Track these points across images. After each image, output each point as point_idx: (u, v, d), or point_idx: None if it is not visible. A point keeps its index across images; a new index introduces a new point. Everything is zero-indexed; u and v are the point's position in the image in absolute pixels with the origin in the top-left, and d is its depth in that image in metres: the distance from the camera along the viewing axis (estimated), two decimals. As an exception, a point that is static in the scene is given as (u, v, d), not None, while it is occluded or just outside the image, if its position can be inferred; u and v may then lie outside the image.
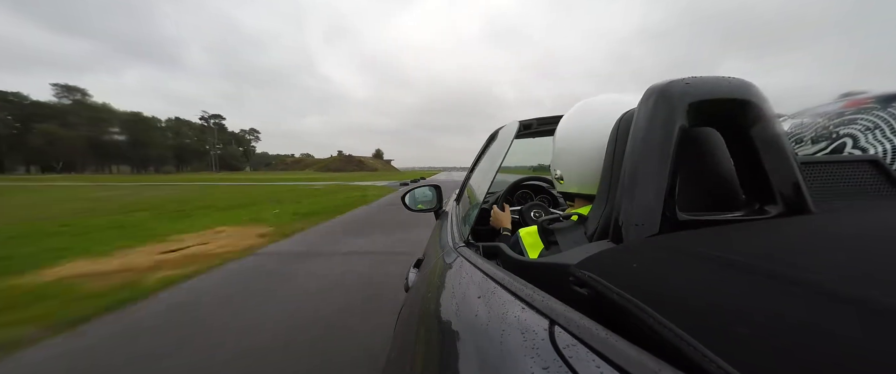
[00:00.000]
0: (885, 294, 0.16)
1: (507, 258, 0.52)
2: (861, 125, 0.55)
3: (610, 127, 0.52)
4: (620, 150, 0.45)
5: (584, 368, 0.21)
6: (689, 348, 0.18)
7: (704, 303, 0.21)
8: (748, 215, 0.35)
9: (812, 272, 0.19)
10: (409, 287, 0.95)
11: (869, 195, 0.41)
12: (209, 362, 1.71)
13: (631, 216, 0.35)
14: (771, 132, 0.34)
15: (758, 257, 0.24)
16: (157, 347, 1.85)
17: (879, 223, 0.29)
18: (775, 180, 0.33)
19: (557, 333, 0.24)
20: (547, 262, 0.42)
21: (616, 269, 0.29)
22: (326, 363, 1.68)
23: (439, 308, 0.47)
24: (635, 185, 0.36)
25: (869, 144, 0.53)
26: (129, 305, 2.43)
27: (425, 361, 0.38)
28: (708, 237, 0.31)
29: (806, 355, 0.15)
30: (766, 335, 0.16)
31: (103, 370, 1.68)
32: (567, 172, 0.67)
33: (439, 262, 0.69)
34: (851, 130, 0.56)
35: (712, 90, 0.35)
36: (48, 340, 1.95)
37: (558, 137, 0.69)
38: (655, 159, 0.35)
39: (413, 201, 1.62)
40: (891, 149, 0.51)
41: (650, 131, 0.36)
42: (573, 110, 0.68)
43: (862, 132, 0.54)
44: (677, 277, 0.24)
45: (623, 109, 0.51)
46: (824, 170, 0.43)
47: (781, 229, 0.31)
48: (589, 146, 0.61)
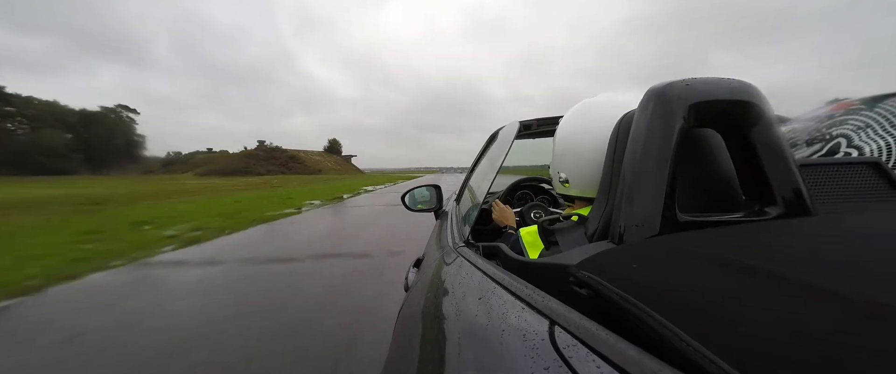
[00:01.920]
0: (885, 295, 0.16)
1: (507, 258, 0.52)
2: (852, 125, 0.56)
3: (610, 129, 0.52)
4: (621, 151, 0.45)
5: (584, 368, 0.21)
6: (689, 348, 0.18)
7: (704, 303, 0.21)
8: (748, 216, 0.35)
9: (812, 273, 0.20)
10: (408, 287, 0.95)
11: (869, 197, 0.42)
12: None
13: (631, 217, 0.35)
14: (771, 134, 0.34)
15: (758, 257, 0.24)
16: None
17: (880, 225, 0.30)
18: (775, 182, 0.33)
19: (557, 333, 0.24)
20: (547, 262, 0.42)
21: (616, 269, 0.29)
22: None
23: (439, 308, 0.47)
24: (635, 186, 0.36)
25: (863, 143, 0.53)
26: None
27: (425, 361, 0.38)
28: (708, 238, 0.31)
29: (806, 355, 0.15)
30: (766, 335, 0.16)
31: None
32: (568, 174, 0.67)
33: (439, 262, 0.69)
34: (844, 130, 0.57)
35: (712, 91, 0.35)
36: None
37: (558, 139, 0.68)
38: (655, 160, 0.35)
39: (413, 201, 1.62)
40: (884, 145, 0.51)
41: (650, 132, 0.36)
42: (573, 112, 0.67)
43: (854, 131, 0.55)
44: (677, 277, 0.24)
45: (623, 109, 0.51)
46: (824, 172, 0.43)
47: (781, 230, 0.31)
48: (589, 148, 0.60)
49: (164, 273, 3.28)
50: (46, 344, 1.92)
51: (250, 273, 3.20)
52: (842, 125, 0.58)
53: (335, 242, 4.35)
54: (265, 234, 5.13)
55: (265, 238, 4.82)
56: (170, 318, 2.22)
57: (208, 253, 3.97)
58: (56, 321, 2.24)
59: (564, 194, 0.71)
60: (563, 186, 0.69)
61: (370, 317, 2.16)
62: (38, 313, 2.42)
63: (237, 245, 4.36)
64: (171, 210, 7.58)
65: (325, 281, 2.89)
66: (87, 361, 1.74)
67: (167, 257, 3.84)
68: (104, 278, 3.13)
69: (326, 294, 2.59)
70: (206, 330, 2.04)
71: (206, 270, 3.33)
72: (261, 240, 4.70)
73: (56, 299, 2.68)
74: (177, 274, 3.27)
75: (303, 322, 2.12)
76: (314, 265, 3.39)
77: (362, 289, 2.69)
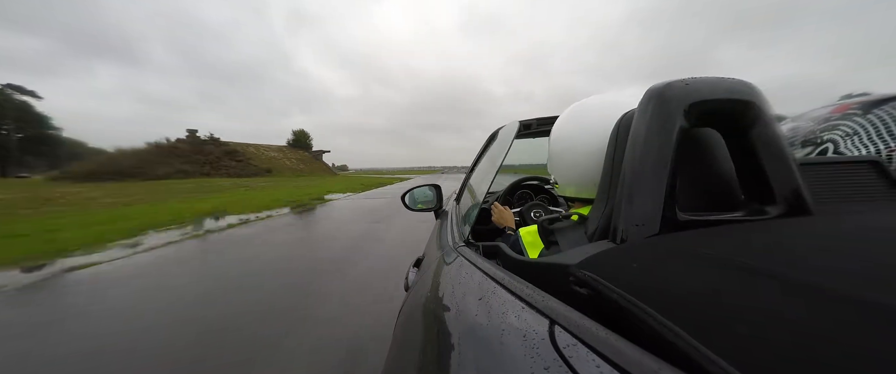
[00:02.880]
0: (884, 294, 0.16)
1: (507, 258, 0.52)
2: (842, 131, 0.56)
3: (606, 129, 0.52)
4: (621, 150, 0.45)
5: (584, 368, 0.21)
6: (690, 348, 0.18)
7: (704, 303, 0.21)
8: (748, 215, 0.35)
9: (811, 273, 0.20)
10: (408, 287, 0.95)
11: (869, 196, 0.42)
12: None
13: (631, 216, 0.35)
14: (770, 133, 0.34)
15: (757, 257, 0.24)
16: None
17: (879, 224, 0.30)
18: (775, 181, 0.34)
19: (557, 333, 0.24)
20: (547, 262, 0.42)
21: (616, 269, 0.29)
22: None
23: (439, 308, 0.47)
24: (635, 185, 0.36)
25: (847, 150, 0.53)
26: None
27: (425, 360, 0.39)
28: (708, 238, 0.31)
29: (806, 355, 0.15)
30: (766, 335, 0.16)
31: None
32: (565, 175, 0.66)
33: (439, 261, 0.69)
34: (833, 135, 0.57)
35: (712, 91, 0.35)
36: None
37: (553, 142, 0.68)
38: (655, 160, 0.35)
39: (413, 200, 1.62)
40: (866, 155, 0.51)
41: (650, 132, 0.36)
42: (567, 114, 0.67)
43: (842, 138, 0.55)
44: (677, 277, 0.24)
45: (617, 109, 0.51)
46: (824, 171, 0.43)
47: (781, 229, 0.31)
48: (585, 150, 0.60)
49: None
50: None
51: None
52: (833, 130, 0.58)
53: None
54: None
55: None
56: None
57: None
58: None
59: (564, 195, 0.70)
60: (562, 188, 0.69)
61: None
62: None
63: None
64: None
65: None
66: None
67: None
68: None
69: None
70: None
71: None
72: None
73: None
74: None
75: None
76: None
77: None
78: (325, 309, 2.20)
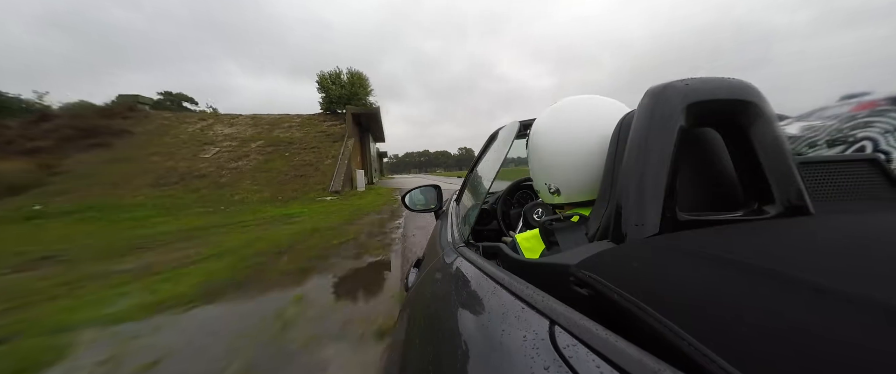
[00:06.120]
0: (884, 294, 0.16)
1: (507, 258, 0.52)
2: (880, 128, 0.54)
3: (599, 129, 0.52)
4: (621, 151, 0.45)
5: (584, 368, 0.21)
6: (690, 348, 0.18)
7: (704, 303, 0.21)
8: (748, 215, 0.35)
9: (811, 272, 0.20)
10: (409, 287, 0.95)
11: (868, 195, 0.42)
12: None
13: (631, 216, 0.35)
14: (770, 133, 0.34)
15: (757, 256, 0.24)
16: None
17: (878, 223, 0.30)
18: (774, 181, 0.34)
19: (558, 333, 0.24)
20: (547, 262, 0.42)
21: (616, 269, 0.29)
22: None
23: (440, 308, 0.47)
24: (636, 185, 0.36)
25: (891, 147, 0.52)
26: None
27: (426, 361, 0.39)
28: (708, 237, 0.31)
29: (806, 354, 0.15)
30: (766, 335, 0.16)
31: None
32: (568, 181, 0.61)
33: (440, 262, 0.69)
34: (869, 133, 0.55)
35: (712, 91, 0.35)
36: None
37: (550, 146, 0.62)
38: (655, 160, 0.35)
39: (412, 201, 1.62)
40: (865, 154, 0.50)
41: (650, 132, 0.36)
42: (557, 119, 0.61)
43: (881, 135, 0.53)
44: (677, 277, 0.24)
45: (612, 109, 0.51)
46: (822, 169, 0.43)
47: (780, 229, 0.31)
48: (587, 151, 0.57)
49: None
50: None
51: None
52: (867, 128, 0.55)
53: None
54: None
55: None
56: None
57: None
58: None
59: (553, 204, 0.65)
60: (554, 196, 0.63)
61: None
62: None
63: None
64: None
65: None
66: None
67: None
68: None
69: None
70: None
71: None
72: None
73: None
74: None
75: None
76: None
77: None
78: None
